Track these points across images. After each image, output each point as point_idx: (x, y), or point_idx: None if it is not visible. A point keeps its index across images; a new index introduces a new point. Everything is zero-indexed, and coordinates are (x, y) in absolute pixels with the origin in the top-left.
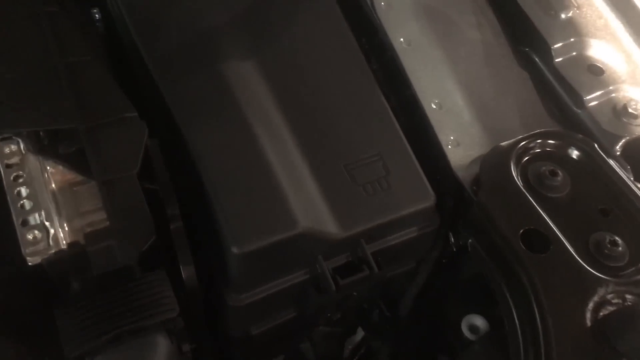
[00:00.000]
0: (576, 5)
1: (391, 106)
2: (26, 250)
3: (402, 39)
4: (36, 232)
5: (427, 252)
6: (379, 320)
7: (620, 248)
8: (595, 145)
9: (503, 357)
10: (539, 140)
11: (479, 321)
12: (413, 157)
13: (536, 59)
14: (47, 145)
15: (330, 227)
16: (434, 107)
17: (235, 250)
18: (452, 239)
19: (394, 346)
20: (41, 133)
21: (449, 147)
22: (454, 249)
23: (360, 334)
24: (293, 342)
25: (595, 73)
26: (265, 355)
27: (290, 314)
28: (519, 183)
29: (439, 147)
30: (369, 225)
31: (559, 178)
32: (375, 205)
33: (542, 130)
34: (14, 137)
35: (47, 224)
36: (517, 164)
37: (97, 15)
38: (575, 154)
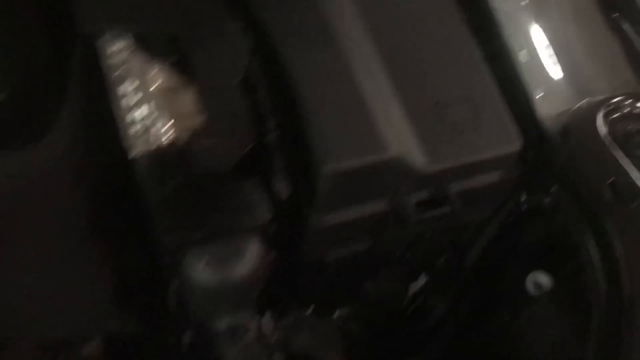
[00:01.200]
0: None
1: None
2: (128, 144)
3: None
4: (138, 127)
5: (503, 201)
6: (444, 268)
7: None
8: None
9: (567, 314)
10: (629, 100)
11: (544, 278)
12: (503, 101)
13: (626, 26)
14: (150, 48)
15: (418, 159)
16: (524, 59)
17: (326, 168)
18: (526, 196)
19: (452, 299)
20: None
21: (537, 98)
22: (526, 206)
23: (422, 281)
24: (360, 277)
25: None
26: (330, 287)
27: (365, 244)
28: (608, 137)
29: (527, 97)
30: (456, 162)
31: None
32: (463, 144)
33: (634, 91)
34: (119, 36)
35: (148, 121)
36: (605, 119)
37: None
38: None
